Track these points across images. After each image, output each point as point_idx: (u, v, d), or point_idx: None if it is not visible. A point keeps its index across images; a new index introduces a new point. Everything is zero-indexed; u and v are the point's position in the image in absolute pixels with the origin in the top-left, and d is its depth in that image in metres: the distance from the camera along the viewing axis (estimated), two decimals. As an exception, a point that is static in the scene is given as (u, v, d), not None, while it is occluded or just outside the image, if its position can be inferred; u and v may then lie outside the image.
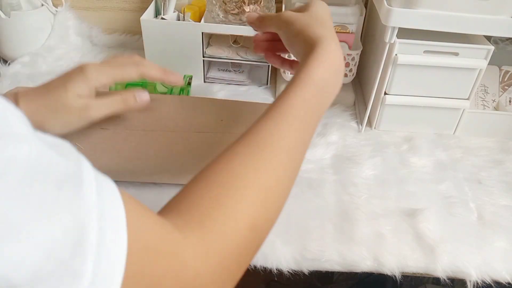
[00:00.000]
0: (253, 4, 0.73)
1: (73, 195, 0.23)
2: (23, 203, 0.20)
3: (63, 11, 0.86)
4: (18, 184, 0.21)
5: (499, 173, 0.63)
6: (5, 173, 0.20)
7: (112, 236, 0.24)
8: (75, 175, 0.24)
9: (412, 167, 0.63)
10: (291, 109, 0.39)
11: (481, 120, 0.69)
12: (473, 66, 0.62)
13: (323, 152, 0.65)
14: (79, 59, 0.86)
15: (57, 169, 0.23)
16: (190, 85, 0.75)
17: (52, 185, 0.22)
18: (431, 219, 0.54)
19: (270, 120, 0.39)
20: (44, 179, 0.22)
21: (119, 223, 0.25)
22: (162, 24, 0.75)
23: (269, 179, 0.36)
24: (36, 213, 0.21)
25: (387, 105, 0.67)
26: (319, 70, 0.42)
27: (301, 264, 0.50)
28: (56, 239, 0.21)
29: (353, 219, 0.54)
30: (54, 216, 0.22)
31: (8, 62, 0.81)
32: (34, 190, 0.21)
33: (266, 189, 0.35)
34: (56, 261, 0.21)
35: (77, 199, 0.23)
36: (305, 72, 0.42)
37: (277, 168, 0.36)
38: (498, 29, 0.57)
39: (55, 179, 0.22)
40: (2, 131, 0.21)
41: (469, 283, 0.50)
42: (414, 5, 0.56)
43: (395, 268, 0.50)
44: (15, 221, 0.20)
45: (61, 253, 0.21)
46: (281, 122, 0.38)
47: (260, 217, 0.34)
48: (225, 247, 0.31)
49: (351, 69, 0.72)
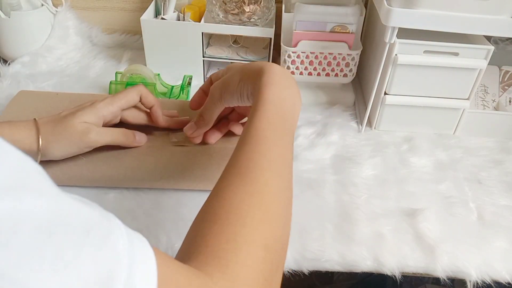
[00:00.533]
0: (253, 4, 0.73)
1: (100, 243, 0.23)
2: (36, 259, 0.20)
3: (63, 11, 0.86)
4: (32, 239, 0.20)
5: (499, 173, 0.63)
6: (19, 227, 0.20)
7: (142, 283, 0.24)
8: (103, 224, 0.24)
9: (412, 167, 0.63)
10: (259, 132, 0.42)
11: (481, 120, 0.69)
12: (473, 66, 0.62)
13: (323, 152, 0.65)
14: (79, 59, 0.86)
15: (82, 219, 0.23)
16: (190, 85, 0.75)
17: (75, 236, 0.22)
18: (431, 219, 0.54)
19: (245, 146, 0.41)
20: (65, 231, 0.22)
21: (150, 270, 0.25)
22: (162, 24, 0.75)
23: (264, 197, 0.37)
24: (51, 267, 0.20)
25: (387, 105, 0.67)
26: (271, 90, 0.45)
27: (301, 264, 0.50)
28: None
29: (353, 219, 0.54)
30: (76, 268, 0.21)
31: (8, 62, 0.81)
32: (51, 243, 0.21)
33: (265, 207, 0.36)
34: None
35: (105, 246, 0.23)
36: (260, 96, 0.45)
37: (267, 185, 0.38)
38: (498, 29, 0.57)
39: (80, 230, 0.22)
40: (20, 183, 0.21)
41: (469, 283, 0.50)
42: (414, 5, 0.56)
43: (395, 268, 0.50)
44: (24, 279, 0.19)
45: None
46: (254, 145, 0.40)
47: (270, 236, 0.35)
48: (247, 275, 0.32)
49: (351, 69, 0.72)
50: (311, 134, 0.68)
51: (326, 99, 0.76)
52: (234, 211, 0.35)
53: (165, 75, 0.77)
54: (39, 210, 0.21)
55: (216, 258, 0.31)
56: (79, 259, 0.22)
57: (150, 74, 0.73)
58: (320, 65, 0.71)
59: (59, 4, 0.86)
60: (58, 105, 0.66)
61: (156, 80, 0.74)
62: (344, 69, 0.72)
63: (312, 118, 0.72)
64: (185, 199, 0.55)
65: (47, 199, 0.22)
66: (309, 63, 0.71)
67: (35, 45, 0.84)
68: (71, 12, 0.88)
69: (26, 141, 0.51)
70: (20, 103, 0.67)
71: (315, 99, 0.76)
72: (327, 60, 0.70)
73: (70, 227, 0.22)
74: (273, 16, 0.76)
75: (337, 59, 0.70)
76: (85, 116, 0.54)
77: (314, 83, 0.75)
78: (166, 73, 0.77)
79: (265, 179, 0.38)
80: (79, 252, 0.22)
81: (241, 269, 0.32)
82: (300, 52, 0.69)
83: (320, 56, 0.70)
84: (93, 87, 0.77)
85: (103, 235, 0.24)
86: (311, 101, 0.76)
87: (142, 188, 0.56)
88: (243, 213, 0.35)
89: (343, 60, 0.70)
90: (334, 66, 0.71)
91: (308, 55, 0.70)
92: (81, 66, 0.84)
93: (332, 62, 0.71)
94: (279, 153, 0.41)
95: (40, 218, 0.21)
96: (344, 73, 0.72)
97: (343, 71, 0.72)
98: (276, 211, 0.37)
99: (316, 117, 0.72)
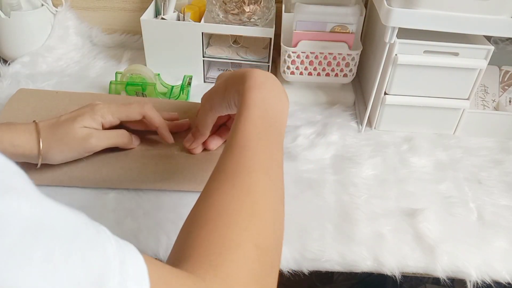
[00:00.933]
0: (253, 4, 0.73)
1: (88, 247, 0.23)
2: (25, 261, 0.20)
3: (63, 11, 0.86)
4: (19, 241, 0.20)
5: (499, 173, 0.63)
6: (6, 228, 0.19)
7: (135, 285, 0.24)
8: (89, 229, 0.24)
9: (412, 167, 0.63)
10: (244, 135, 0.42)
11: (481, 120, 0.69)
12: (473, 66, 0.62)
13: (323, 152, 0.65)
14: (79, 59, 0.86)
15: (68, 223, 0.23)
16: (190, 85, 0.75)
17: (62, 240, 0.22)
18: (431, 219, 0.54)
19: (231, 150, 0.41)
20: (52, 234, 0.21)
21: (141, 272, 0.25)
22: (162, 24, 0.75)
23: (252, 198, 0.37)
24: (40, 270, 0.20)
25: (387, 105, 0.67)
26: (254, 94, 0.46)
27: (301, 264, 0.50)
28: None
29: (353, 219, 0.54)
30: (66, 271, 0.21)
31: (8, 62, 0.81)
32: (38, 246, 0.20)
33: (253, 208, 0.36)
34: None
35: (94, 250, 0.23)
36: (244, 101, 0.46)
37: (254, 186, 0.38)
38: (498, 29, 0.57)
39: (67, 234, 0.22)
40: (4, 185, 0.21)
41: (469, 283, 0.50)
42: (414, 5, 0.56)
43: (395, 268, 0.50)
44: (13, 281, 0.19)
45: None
46: (240, 149, 0.41)
47: (260, 235, 0.35)
48: (239, 275, 0.32)
49: (351, 69, 0.72)
50: (311, 134, 0.68)
51: (326, 99, 0.76)
52: (222, 214, 0.35)
53: (165, 75, 0.77)
54: (25, 212, 0.20)
55: (207, 261, 0.31)
56: (68, 263, 0.21)
57: (150, 74, 0.73)
58: (320, 65, 0.71)
59: (59, 4, 0.86)
60: (58, 104, 0.66)
61: (156, 80, 0.74)
62: (344, 69, 0.72)
63: (312, 118, 0.72)
64: (185, 199, 0.55)
65: (32, 202, 0.21)
66: (309, 63, 0.71)
67: (35, 45, 0.84)
68: (71, 12, 0.88)
69: (26, 146, 0.51)
70: (20, 101, 0.67)
71: (315, 99, 0.76)
72: (327, 60, 0.70)
73: (57, 231, 0.22)
74: (273, 16, 0.76)
75: (337, 59, 0.70)
76: (85, 121, 0.53)
77: (314, 83, 0.75)
78: (166, 73, 0.77)
79: (252, 181, 0.38)
80: (67, 256, 0.21)
81: (233, 269, 0.32)
82: (300, 52, 0.69)
83: (320, 56, 0.70)
84: (93, 87, 0.77)
85: (91, 240, 0.23)
86: (311, 101, 0.76)
87: (142, 188, 0.56)
88: (231, 215, 0.35)
89: (343, 60, 0.70)
90: (334, 66, 0.71)
91: (308, 55, 0.70)
92: (81, 66, 0.84)
93: (332, 62, 0.71)
94: (266, 155, 0.41)
95: (27, 219, 0.20)
96: (344, 73, 0.72)
97: (343, 71, 0.72)
98: (265, 211, 0.37)
99: (316, 117, 0.72)
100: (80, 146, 0.54)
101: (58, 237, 0.22)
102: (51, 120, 0.54)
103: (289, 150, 0.64)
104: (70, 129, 0.53)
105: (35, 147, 0.51)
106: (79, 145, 0.53)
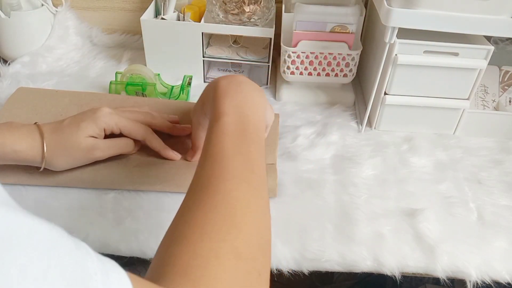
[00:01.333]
0: (253, 4, 0.73)
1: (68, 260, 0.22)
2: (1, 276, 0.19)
3: (63, 11, 0.86)
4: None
5: (499, 173, 0.63)
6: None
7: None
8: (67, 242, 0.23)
9: (412, 167, 0.63)
10: (217, 145, 0.41)
11: (481, 120, 0.69)
12: (473, 66, 0.62)
13: (323, 152, 0.65)
14: (79, 59, 0.86)
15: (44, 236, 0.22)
16: (190, 85, 0.75)
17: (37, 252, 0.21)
18: (431, 219, 0.54)
19: (205, 162, 0.40)
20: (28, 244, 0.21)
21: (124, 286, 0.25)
22: (162, 24, 0.75)
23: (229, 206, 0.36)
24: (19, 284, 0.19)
25: (387, 105, 0.67)
26: (223, 102, 0.45)
27: (301, 264, 0.50)
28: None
29: (353, 219, 0.54)
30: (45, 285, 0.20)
31: (8, 62, 0.81)
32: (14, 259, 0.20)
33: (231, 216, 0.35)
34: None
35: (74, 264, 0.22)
36: (214, 111, 0.45)
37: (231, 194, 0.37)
38: (498, 29, 0.57)
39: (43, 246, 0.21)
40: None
41: (469, 283, 0.50)
42: (414, 5, 0.56)
43: (395, 268, 0.50)
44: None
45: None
46: (214, 159, 0.40)
47: (241, 244, 0.34)
48: (220, 286, 0.31)
49: (351, 69, 0.72)
50: (311, 134, 0.68)
51: (326, 99, 0.76)
52: (198, 226, 0.34)
53: (165, 75, 0.77)
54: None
55: (185, 275, 0.31)
56: (47, 277, 0.21)
57: (150, 74, 0.73)
58: (320, 65, 0.71)
59: (59, 4, 0.86)
60: (58, 103, 0.66)
61: (156, 80, 0.74)
62: (344, 69, 0.72)
63: (312, 118, 0.72)
64: (185, 199, 0.55)
65: (4, 213, 0.21)
66: (309, 63, 0.71)
67: (35, 45, 0.84)
68: (71, 12, 0.88)
69: (29, 152, 0.50)
70: (19, 100, 0.67)
71: (315, 99, 0.76)
72: (327, 60, 0.70)
73: (33, 243, 0.21)
74: (273, 16, 0.76)
75: (337, 59, 0.70)
76: (89, 129, 0.53)
77: (314, 83, 0.75)
78: (166, 73, 0.77)
79: (229, 189, 0.37)
80: (45, 270, 0.21)
81: (213, 282, 0.31)
82: (300, 52, 0.69)
83: (320, 56, 0.70)
84: (93, 87, 0.77)
85: (69, 253, 0.23)
86: (311, 101, 0.76)
87: (143, 190, 0.56)
88: (208, 226, 0.34)
89: (343, 60, 0.70)
90: (334, 66, 0.71)
91: (308, 55, 0.70)
92: (81, 66, 0.84)
93: (332, 62, 0.71)
94: (243, 161, 0.40)
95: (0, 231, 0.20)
96: (344, 73, 0.72)
97: (343, 71, 0.72)
98: (246, 218, 0.36)
99: (316, 117, 0.72)
100: (84, 157, 0.54)
101: (35, 249, 0.21)
102: (53, 123, 0.53)
103: (289, 150, 0.64)
104: (75, 138, 0.52)
105: (38, 154, 0.51)
106: (83, 156, 0.54)
